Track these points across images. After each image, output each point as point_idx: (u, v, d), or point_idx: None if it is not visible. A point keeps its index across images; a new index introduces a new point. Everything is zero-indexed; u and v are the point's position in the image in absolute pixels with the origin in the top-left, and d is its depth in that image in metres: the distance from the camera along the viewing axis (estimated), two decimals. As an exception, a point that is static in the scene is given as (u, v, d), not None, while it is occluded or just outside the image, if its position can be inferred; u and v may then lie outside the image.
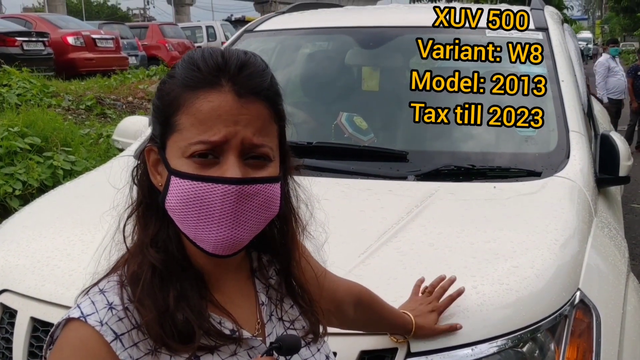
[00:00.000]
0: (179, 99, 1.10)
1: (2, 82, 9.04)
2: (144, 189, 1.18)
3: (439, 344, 1.70)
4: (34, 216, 2.64)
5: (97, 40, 17.34)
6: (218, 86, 1.08)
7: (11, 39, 14.74)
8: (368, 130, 3.03)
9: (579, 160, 2.62)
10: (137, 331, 1.08)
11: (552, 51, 3.15)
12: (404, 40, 3.47)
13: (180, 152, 1.09)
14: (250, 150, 1.10)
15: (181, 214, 1.09)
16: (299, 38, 3.83)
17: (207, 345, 1.12)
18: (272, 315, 1.26)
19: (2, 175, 5.56)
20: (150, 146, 1.17)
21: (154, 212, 1.16)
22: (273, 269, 1.30)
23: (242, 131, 1.08)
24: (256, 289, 1.27)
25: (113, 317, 1.07)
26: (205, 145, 1.07)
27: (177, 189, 1.09)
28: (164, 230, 1.15)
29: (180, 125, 1.09)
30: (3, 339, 2.05)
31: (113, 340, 1.06)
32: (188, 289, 1.13)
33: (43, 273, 2.09)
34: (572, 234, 2.14)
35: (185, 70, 1.11)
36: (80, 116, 8.77)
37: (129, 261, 1.14)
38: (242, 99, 1.08)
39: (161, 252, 1.13)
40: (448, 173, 2.63)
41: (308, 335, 1.28)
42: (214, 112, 1.07)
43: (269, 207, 1.13)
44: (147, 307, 1.08)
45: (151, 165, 1.17)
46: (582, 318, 1.88)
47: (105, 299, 1.10)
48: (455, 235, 2.11)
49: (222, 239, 1.09)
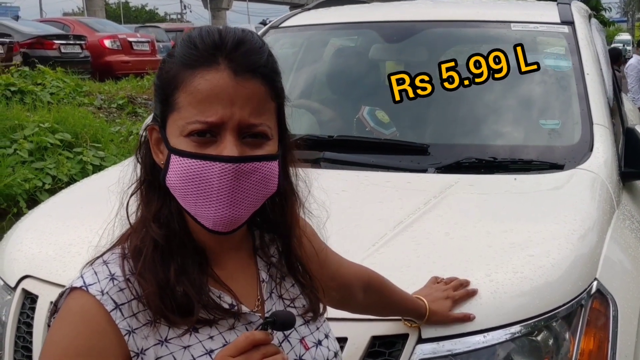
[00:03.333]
0: (177, 77, 1.12)
1: (37, 81, 9.21)
2: (147, 167, 1.20)
3: (450, 330, 1.70)
4: (58, 207, 2.68)
5: (133, 44, 17.56)
6: (215, 64, 1.09)
7: (49, 42, 15.03)
8: (390, 124, 3.03)
9: (602, 153, 2.58)
10: (137, 302, 1.10)
11: (578, 44, 3.11)
12: (427, 34, 3.46)
13: (179, 130, 1.11)
14: (247, 130, 1.11)
15: (181, 191, 1.11)
16: (324, 33, 3.84)
17: (206, 318, 1.13)
18: (273, 293, 1.27)
19: (32, 169, 5.69)
20: (152, 125, 1.19)
21: (157, 189, 1.18)
22: (275, 247, 1.31)
23: (238, 112, 1.09)
24: (257, 267, 1.28)
25: (114, 288, 1.10)
26: (202, 125, 1.09)
27: (176, 166, 1.11)
28: (166, 207, 1.16)
29: (179, 104, 1.11)
30: (24, 324, 2.08)
31: (113, 309, 1.08)
32: (189, 263, 1.14)
33: (65, 260, 2.12)
34: (591, 225, 2.11)
35: (183, 49, 1.13)
36: (112, 114, 8.91)
37: (132, 236, 1.16)
38: (239, 77, 1.09)
39: (163, 228, 1.15)
40: (469, 166, 2.61)
41: (307, 314, 1.29)
42: (211, 92, 1.08)
43: (267, 184, 1.14)
44: (147, 280, 1.10)
45: (153, 144, 1.19)
46: (599, 308, 1.86)
47: (107, 269, 1.12)
48: (471, 225, 2.10)
49: (221, 215, 1.10)
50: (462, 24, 3.47)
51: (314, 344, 1.27)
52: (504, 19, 3.36)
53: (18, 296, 2.11)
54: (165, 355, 1.10)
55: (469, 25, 3.44)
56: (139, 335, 1.09)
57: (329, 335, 1.32)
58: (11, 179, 5.51)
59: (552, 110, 3.00)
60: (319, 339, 1.29)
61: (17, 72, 9.61)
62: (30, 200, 5.47)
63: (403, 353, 1.68)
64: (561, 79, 3.09)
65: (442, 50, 3.46)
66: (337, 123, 3.21)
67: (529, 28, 3.26)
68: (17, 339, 2.08)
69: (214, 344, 1.12)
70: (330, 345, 1.31)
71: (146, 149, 1.21)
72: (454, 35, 3.54)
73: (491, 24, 3.39)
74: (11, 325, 2.09)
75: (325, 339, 1.30)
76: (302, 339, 1.26)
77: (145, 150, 1.21)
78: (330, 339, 1.32)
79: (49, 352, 1.08)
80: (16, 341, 2.08)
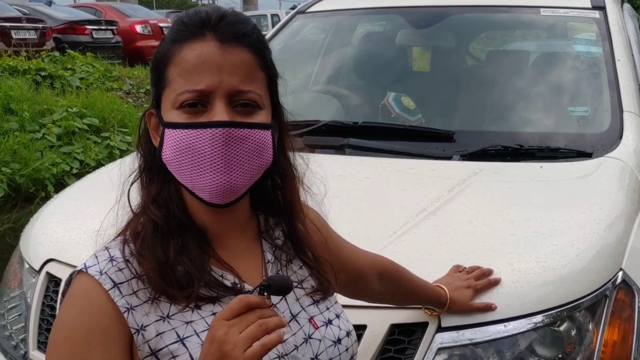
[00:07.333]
0: (167, 53, 1.14)
1: (67, 66, 9.30)
2: (146, 152, 1.22)
3: (470, 319, 1.68)
4: (83, 191, 2.70)
5: (164, 29, 17.60)
6: (201, 36, 1.12)
7: (81, 27, 15.16)
8: (416, 111, 3.00)
9: (632, 141, 2.54)
10: (137, 280, 1.12)
11: (609, 30, 3.05)
12: (455, 20, 3.42)
13: (171, 103, 1.13)
14: (237, 97, 1.12)
15: (176, 164, 1.12)
16: (351, 19, 3.82)
17: (209, 295, 1.14)
18: (279, 274, 1.26)
19: (60, 154, 5.74)
20: (151, 110, 1.21)
21: (156, 173, 1.19)
22: (280, 230, 1.31)
23: (227, 78, 1.10)
24: (263, 249, 1.28)
25: (113, 268, 1.11)
26: (192, 94, 1.10)
27: (170, 139, 1.12)
28: (165, 189, 1.18)
29: (170, 78, 1.13)
30: (48, 307, 2.11)
31: (111, 288, 1.09)
32: (189, 242, 1.16)
33: (88, 244, 2.13)
34: (619, 215, 2.07)
35: (172, 28, 1.17)
36: (140, 99, 8.95)
37: (132, 220, 1.18)
38: (225, 44, 1.11)
39: (162, 209, 1.17)
40: (495, 153, 2.57)
41: (316, 293, 1.28)
42: (198, 60, 1.10)
43: (261, 153, 1.15)
44: (146, 258, 1.12)
45: (152, 129, 1.21)
46: (624, 299, 1.82)
47: (108, 253, 1.15)
48: (495, 214, 2.07)
49: (217, 184, 1.11)
50: (491, 9, 3.42)
51: (324, 323, 1.27)
52: (534, 3, 3.31)
53: (42, 279, 2.13)
54: (167, 330, 1.11)
55: (497, 10, 3.39)
56: (138, 312, 1.10)
57: (341, 315, 1.32)
58: (39, 163, 5.57)
59: (581, 97, 2.95)
60: (329, 319, 1.28)
61: (48, 57, 9.70)
62: (58, 184, 5.53)
63: (422, 341, 1.67)
64: (591, 65, 3.03)
65: (470, 36, 3.42)
66: (362, 109, 3.19)
67: (559, 13, 3.21)
68: (41, 321, 2.11)
69: None
70: (342, 325, 1.30)
71: (146, 136, 1.23)
72: (482, 20, 3.50)
73: (520, 9, 3.34)
74: (35, 308, 2.12)
75: (336, 319, 1.30)
76: (311, 318, 1.26)
77: (145, 137, 1.23)
78: (342, 319, 1.31)
79: (55, 334, 1.11)
80: (40, 323, 2.11)
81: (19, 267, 2.32)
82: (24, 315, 2.17)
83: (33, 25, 12.98)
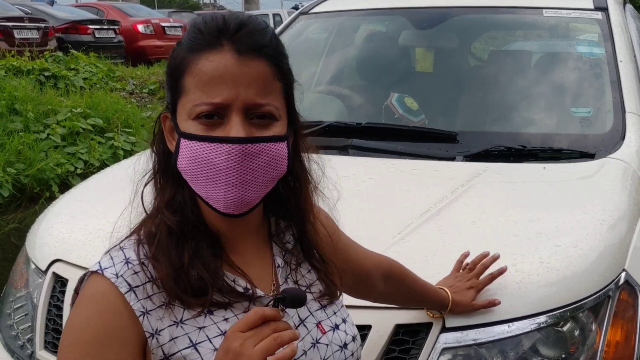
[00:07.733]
0: (183, 61, 1.13)
1: (70, 66, 9.31)
2: (160, 155, 1.22)
3: (474, 320, 1.69)
4: (89, 191, 2.71)
5: (166, 29, 17.63)
6: (219, 46, 1.10)
7: (84, 27, 15.17)
8: (419, 111, 3.01)
9: (634, 142, 2.55)
10: (152, 284, 1.12)
11: (611, 31, 3.06)
12: (458, 20, 3.43)
13: (187, 114, 1.12)
14: (254, 110, 1.11)
15: (192, 174, 1.12)
16: (354, 19, 3.83)
17: (221, 301, 1.14)
18: (288, 278, 1.27)
19: (64, 154, 5.76)
20: (165, 113, 1.21)
21: (170, 176, 1.19)
22: (290, 233, 1.32)
23: (243, 92, 1.09)
24: (273, 253, 1.28)
25: (129, 271, 1.12)
26: (208, 106, 1.10)
27: (186, 150, 1.12)
28: (180, 194, 1.18)
29: (186, 87, 1.13)
30: (55, 307, 2.12)
31: (127, 291, 1.10)
32: (203, 248, 1.16)
33: (94, 244, 2.15)
34: (621, 216, 2.08)
35: (189, 35, 1.15)
36: (143, 100, 8.97)
37: (146, 222, 1.18)
38: (242, 56, 1.10)
39: (177, 214, 1.17)
40: (498, 154, 2.59)
41: (324, 298, 1.29)
42: (215, 73, 1.09)
43: (275, 166, 1.14)
44: (161, 262, 1.12)
45: (167, 132, 1.21)
46: (627, 299, 1.84)
47: (123, 254, 1.14)
48: (498, 214, 2.09)
49: (231, 197, 1.11)
50: (493, 10, 3.43)
51: (331, 328, 1.28)
52: (536, 4, 3.32)
53: (49, 279, 2.15)
54: (180, 335, 1.11)
55: (500, 11, 3.40)
56: (153, 316, 1.11)
57: (347, 320, 1.33)
58: (44, 164, 5.60)
59: (584, 97, 2.96)
60: (336, 323, 1.29)
61: (51, 57, 9.72)
62: (62, 184, 5.56)
63: (427, 342, 1.68)
64: (594, 66, 3.04)
65: (473, 37, 3.43)
66: (365, 110, 3.20)
67: (561, 14, 3.22)
68: (47, 321, 2.12)
69: (228, 326, 1.13)
70: (348, 329, 1.31)
71: (160, 138, 1.22)
72: (485, 21, 3.51)
73: (523, 10, 3.35)
74: (42, 308, 2.13)
75: (342, 324, 1.30)
76: (319, 323, 1.27)
77: (160, 139, 1.23)
78: (347, 323, 1.32)
79: (67, 334, 1.11)
80: (47, 323, 2.12)
81: (25, 267, 2.33)
82: (31, 315, 2.18)
83: (35, 25, 12.98)
